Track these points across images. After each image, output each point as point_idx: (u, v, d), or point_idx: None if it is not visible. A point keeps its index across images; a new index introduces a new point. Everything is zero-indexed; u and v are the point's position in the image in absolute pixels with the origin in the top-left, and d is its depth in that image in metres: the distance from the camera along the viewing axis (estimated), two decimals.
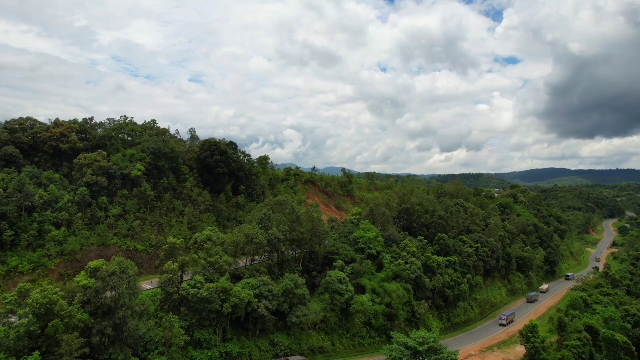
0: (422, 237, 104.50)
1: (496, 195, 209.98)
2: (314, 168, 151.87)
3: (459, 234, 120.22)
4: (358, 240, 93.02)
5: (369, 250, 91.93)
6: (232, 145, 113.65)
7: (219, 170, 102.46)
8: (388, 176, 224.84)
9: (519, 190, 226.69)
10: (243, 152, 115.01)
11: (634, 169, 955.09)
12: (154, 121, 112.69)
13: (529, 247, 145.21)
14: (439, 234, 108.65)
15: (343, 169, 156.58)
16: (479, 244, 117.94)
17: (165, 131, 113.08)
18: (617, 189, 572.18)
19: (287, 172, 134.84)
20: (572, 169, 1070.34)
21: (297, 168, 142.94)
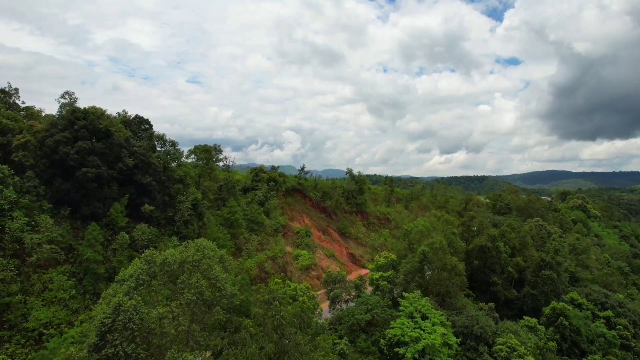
0: (536, 322, 48.61)
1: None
2: (302, 168, 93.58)
3: (565, 291, 65.20)
4: (400, 351, 37.06)
5: None
6: (137, 122, 57.49)
7: (91, 173, 46.40)
8: (408, 182, 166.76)
9: (576, 196, 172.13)
10: (159, 137, 58.62)
11: (637, 172, 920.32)
12: None
13: None
14: (553, 303, 53.04)
15: (350, 171, 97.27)
16: (610, 311, 62.69)
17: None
18: (637, 192, 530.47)
19: (255, 175, 77.70)
20: (572, 171, 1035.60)
21: (275, 168, 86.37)
